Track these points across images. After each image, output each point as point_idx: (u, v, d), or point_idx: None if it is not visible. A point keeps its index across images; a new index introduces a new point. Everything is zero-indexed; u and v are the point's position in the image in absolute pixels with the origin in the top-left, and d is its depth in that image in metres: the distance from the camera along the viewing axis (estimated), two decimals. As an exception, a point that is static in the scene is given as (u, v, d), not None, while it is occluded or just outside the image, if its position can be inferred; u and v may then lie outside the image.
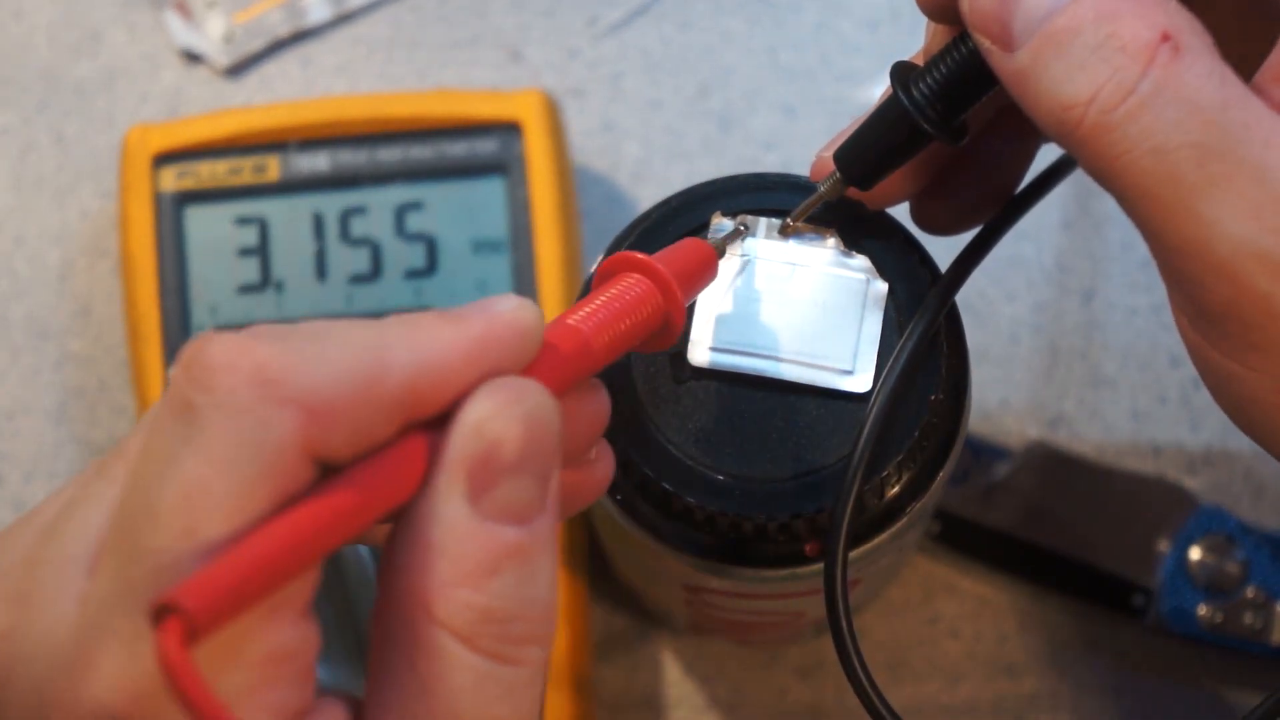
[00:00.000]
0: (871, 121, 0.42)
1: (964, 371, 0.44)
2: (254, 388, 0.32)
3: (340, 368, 0.33)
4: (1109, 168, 0.36)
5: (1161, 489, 0.59)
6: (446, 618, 0.33)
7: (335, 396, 0.32)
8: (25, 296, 0.64)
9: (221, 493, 0.32)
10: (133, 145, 0.61)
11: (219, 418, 0.32)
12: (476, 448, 0.34)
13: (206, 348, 0.33)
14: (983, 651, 0.60)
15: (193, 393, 0.32)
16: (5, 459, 0.63)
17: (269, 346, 0.33)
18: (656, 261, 0.39)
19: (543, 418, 0.34)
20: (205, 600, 0.31)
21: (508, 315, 0.35)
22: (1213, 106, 0.35)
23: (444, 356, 0.34)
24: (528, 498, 0.34)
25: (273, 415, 0.32)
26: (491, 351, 0.34)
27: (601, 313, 0.38)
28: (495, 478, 0.34)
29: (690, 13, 0.66)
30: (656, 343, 0.40)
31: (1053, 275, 0.63)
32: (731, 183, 0.45)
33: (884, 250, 0.44)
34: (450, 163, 0.61)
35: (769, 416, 0.43)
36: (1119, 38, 0.36)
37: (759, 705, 0.60)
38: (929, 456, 0.43)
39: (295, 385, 0.32)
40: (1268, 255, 0.35)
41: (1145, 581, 0.58)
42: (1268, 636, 0.57)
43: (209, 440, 0.32)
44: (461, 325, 0.34)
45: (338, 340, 0.33)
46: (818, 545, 0.43)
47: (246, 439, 0.32)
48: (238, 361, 0.32)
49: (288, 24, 0.66)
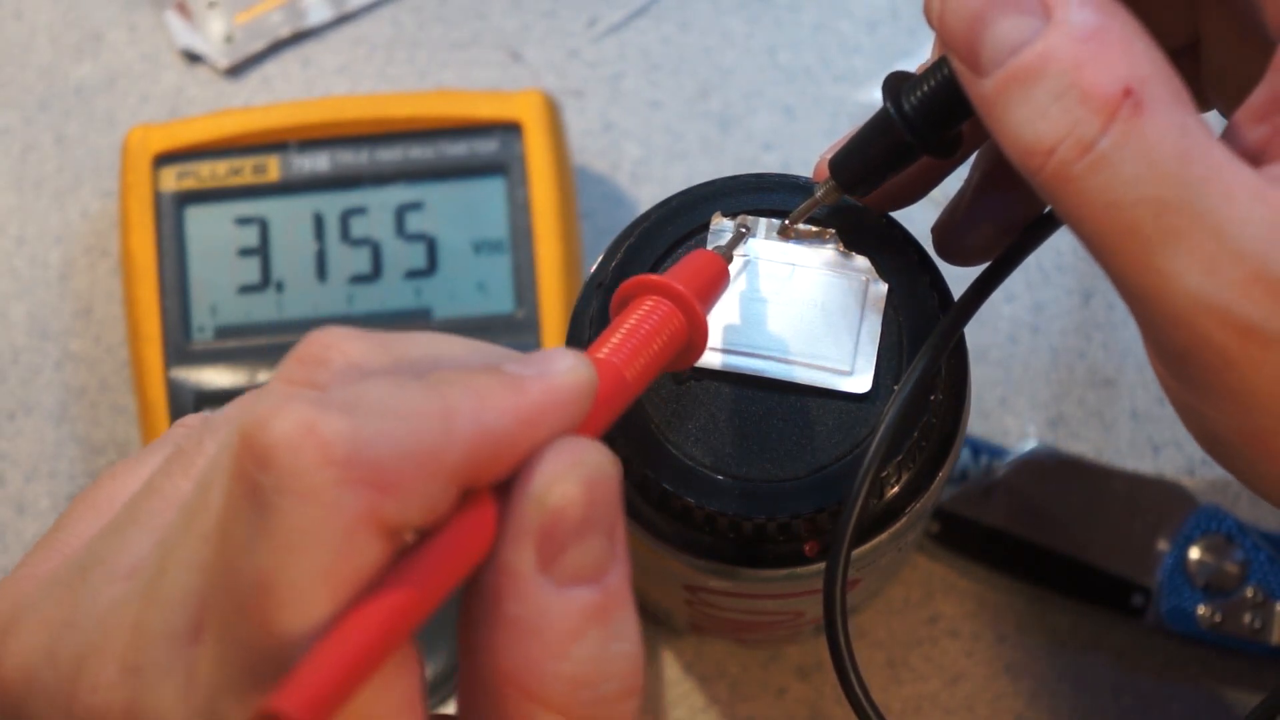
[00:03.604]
0: (864, 131, 0.42)
1: (964, 371, 0.44)
2: (322, 469, 0.31)
3: (408, 443, 0.32)
4: (1069, 213, 0.36)
5: (1161, 489, 0.59)
6: (539, 693, 0.33)
7: (403, 473, 0.32)
8: (26, 296, 0.64)
9: (300, 584, 0.31)
10: (133, 145, 0.61)
11: (290, 504, 0.31)
12: (542, 517, 0.33)
13: (271, 425, 0.32)
14: (982, 651, 0.60)
15: (260, 475, 0.32)
16: (5, 459, 0.63)
17: (335, 422, 0.32)
18: (673, 281, 0.39)
19: (602, 475, 0.34)
20: (307, 703, 0.30)
21: (567, 379, 0.35)
22: (1172, 160, 0.35)
23: (506, 426, 0.33)
24: (598, 556, 0.34)
25: (343, 497, 0.31)
26: (551, 417, 0.34)
27: (629, 343, 0.38)
28: (564, 543, 0.33)
29: (690, 13, 0.66)
30: (682, 361, 0.40)
31: (1052, 275, 0.63)
32: (731, 183, 0.45)
33: (883, 251, 0.44)
34: (450, 163, 0.61)
35: (769, 417, 0.43)
36: (1081, 88, 0.35)
37: (759, 705, 0.60)
38: (928, 456, 0.43)
39: (364, 464, 0.31)
40: (1222, 309, 0.35)
41: (1144, 581, 0.58)
42: (1267, 636, 0.57)
43: (281, 528, 0.31)
44: (522, 393, 0.34)
45: (404, 411, 0.32)
46: (817, 545, 0.43)
47: (319, 525, 0.31)
48: (304, 442, 0.31)
49: (288, 24, 0.66)
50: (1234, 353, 0.36)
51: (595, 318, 0.43)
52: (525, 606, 0.33)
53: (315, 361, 0.34)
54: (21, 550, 0.62)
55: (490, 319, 0.60)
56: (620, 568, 0.34)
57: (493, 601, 0.34)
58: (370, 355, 0.34)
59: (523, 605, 0.33)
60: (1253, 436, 0.38)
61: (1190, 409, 0.39)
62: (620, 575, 0.34)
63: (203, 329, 0.60)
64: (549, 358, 0.35)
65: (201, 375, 0.60)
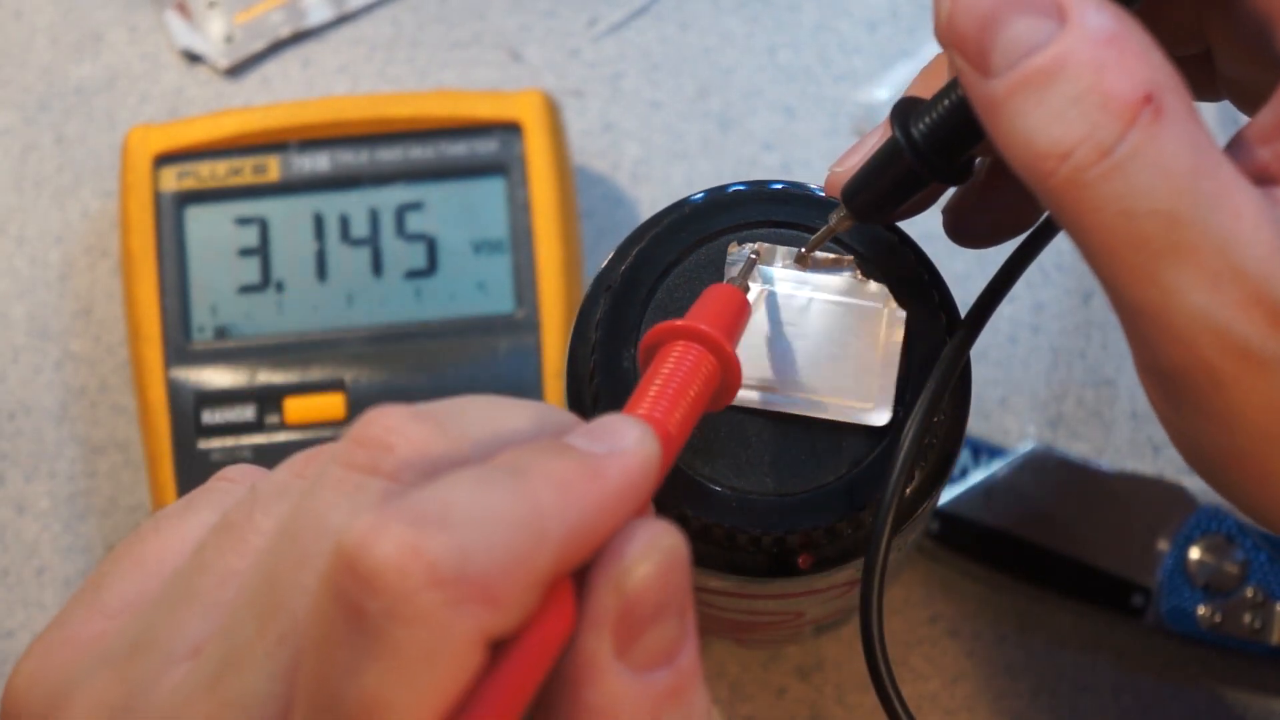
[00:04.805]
0: (874, 160, 0.42)
1: (964, 373, 0.44)
2: (429, 591, 0.31)
3: (508, 555, 0.32)
4: (1076, 221, 0.36)
5: (1161, 489, 0.59)
6: None
7: (505, 585, 0.32)
8: (26, 296, 0.64)
9: (410, 707, 0.31)
10: (133, 145, 0.61)
11: (399, 629, 0.31)
12: (618, 604, 0.33)
13: (374, 549, 0.31)
14: (983, 651, 0.60)
15: (364, 598, 0.31)
16: (5, 459, 0.63)
17: (439, 543, 0.31)
18: (700, 323, 0.39)
19: (673, 558, 0.34)
20: None
21: (638, 457, 0.34)
22: (1186, 173, 0.35)
23: (592, 519, 0.33)
24: (671, 637, 0.34)
25: (452, 619, 0.31)
26: (628, 501, 0.34)
27: (667, 393, 0.38)
28: (640, 628, 0.33)
29: (690, 13, 0.66)
30: (717, 403, 0.40)
31: (1052, 275, 0.63)
32: (744, 194, 0.45)
33: (897, 273, 0.43)
34: (450, 163, 0.61)
35: (774, 435, 0.43)
36: (1101, 92, 0.35)
37: (759, 705, 0.60)
38: (929, 473, 0.43)
39: (469, 582, 0.31)
40: (1222, 329, 0.35)
41: (1144, 581, 0.58)
42: (1267, 636, 0.57)
43: (390, 652, 0.31)
44: (602, 479, 0.34)
45: (497, 518, 0.32)
46: (811, 558, 0.43)
47: (430, 648, 0.31)
48: (410, 565, 0.31)
49: (288, 24, 0.66)
50: (1227, 374, 0.36)
51: (603, 320, 0.43)
52: (603, 694, 0.33)
53: (378, 446, 0.33)
54: (21, 550, 0.62)
55: (490, 319, 0.60)
56: (691, 645, 0.34)
57: (571, 689, 0.33)
58: (433, 440, 0.34)
59: (600, 693, 0.33)
60: (1238, 458, 0.37)
61: (1176, 427, 0.39)
62: (691, 653, 0.34)
63: (203, 329, 0.60)
64: (615, 430, 0.35)
65: (201, 375, 0.60)
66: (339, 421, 0.60)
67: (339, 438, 0.34)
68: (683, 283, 0.44)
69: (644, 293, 0.44)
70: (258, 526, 0.35)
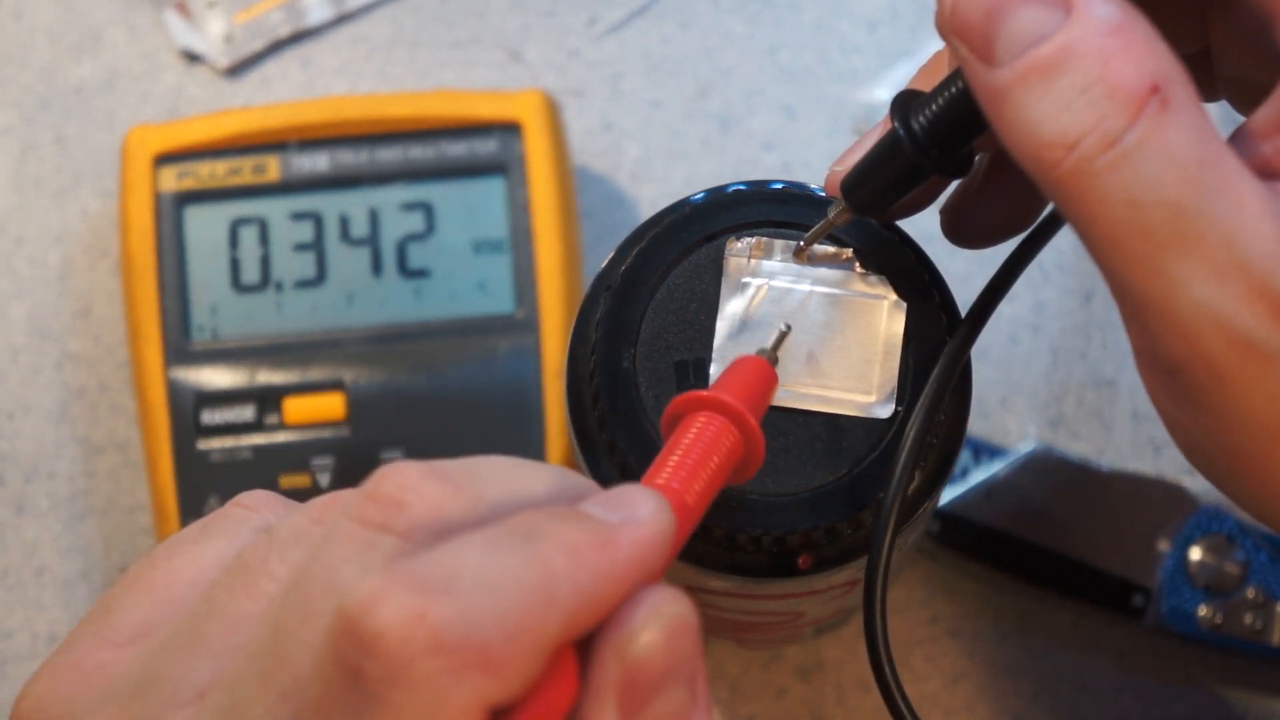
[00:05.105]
0: (873, 153, 0.41)
1: (965, 371, 0.44)
2: (430, 658, 0.31)
3: (514, 623, 0.32)
4: (1081, 212, 0.36)
5: (1161, 489, 0.59)
6: None
7: (509, 652, 0.32)
8: (25, 296, 0.64)
9: None
10: (133, 145, 0.61)
11: (399, 695, 0.31)
12: (622, 671, 0.33)
13: (376, 613, 0.31)
14: (983, 651, 0.60)
15: (365, 662, 0.31)
16: (5, 459, 0.63)
17: (442, 607, 0.31)
18: (725, 395, 0.39)
19: (679, 624, 0.34)
20: None
21: (652, 530, 0.34)
22: (1193, 164, 0.35)
23: (601, 588, 0.33)
24: (679, 703, 0.34)
25: (451, 686, 0.31)
26: (639, 572, 0.34)
27: (686, 464, 0.37)
28: (646, 696, 0.33)
29: (690, 13, 0.66)
30: (739, 475, 0.39)
31: (1052, 275, 0.63)
32: (744, 194, 0.45)
33: (896, 269, 0.44)
34: (450, 163, 0.61)
35: (774, 434, 0.43)
36: (1108, 82, 0.35)
37: (759, 705, 0.60)
38: (930, 473, 0.43)
39: (472, 649, 0.31)
40: (1226, 322, 0.35)
41: (1145, 581, 0.58)
42: (1267, 636, 0.57)
43: (387, 717, 0.31)
44: (614, 549, 0.33)
45: (505, 584, 0.32)
46: (810, 559, 0.43)
47: (426, 714, 0.31)
48: (413, 632, 0.31)
49: (288, 24, 0.66)
50: (1229, 368, 0.36)
51: (603, 320, 0.43)
52: None
53: (392, 504, 0.33)
54: (21, 550, 0.62)
55: (490, 319, 0.60)
56: (701, 713, 0.34)
57: None
58: (447, 500, 0.34)
59: None
60: (1237, 454, 0.37)
61: (1177, 423, 0.39)
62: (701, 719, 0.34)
63: (202, 329, 0.60)
64: (631, 500, 0.35)
65: (201, 375, 0.60)
66: (338, 421, 0.60)
67: (359, 484, 0.34)
68: (683, 282, 0.44)
69: (644, 293, 0.44)
70: (272, 572, 0.35)
